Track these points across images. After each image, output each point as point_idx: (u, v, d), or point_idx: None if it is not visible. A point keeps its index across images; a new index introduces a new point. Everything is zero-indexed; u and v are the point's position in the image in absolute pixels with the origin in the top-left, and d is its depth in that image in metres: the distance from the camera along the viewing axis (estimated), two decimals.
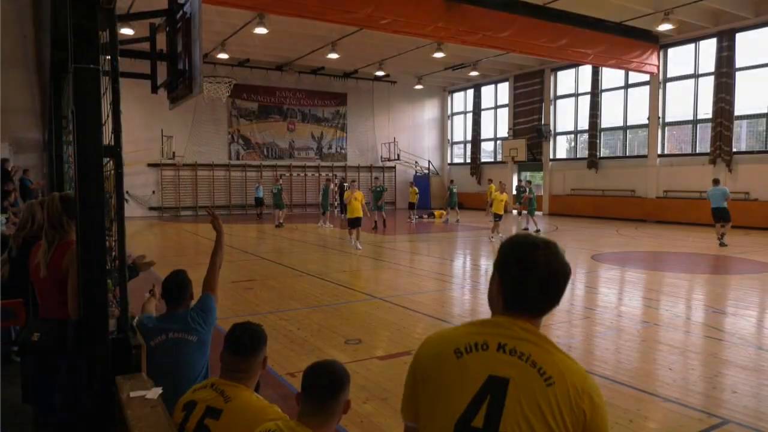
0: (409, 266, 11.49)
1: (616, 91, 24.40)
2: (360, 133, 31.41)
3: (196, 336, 3.22)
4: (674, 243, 15.45)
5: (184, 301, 3.38)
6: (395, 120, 32.41)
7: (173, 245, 15.89)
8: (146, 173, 25.66)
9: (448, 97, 34.00)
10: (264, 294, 8.61)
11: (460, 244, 15.82)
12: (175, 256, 13.24)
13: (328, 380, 2.09)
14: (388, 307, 7.76)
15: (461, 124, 33.57)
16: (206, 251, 14.22)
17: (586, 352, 5.81)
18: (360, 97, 31.08)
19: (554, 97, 27.17)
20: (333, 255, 13.30)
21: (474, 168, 31.35)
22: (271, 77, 28.25)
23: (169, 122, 24.72)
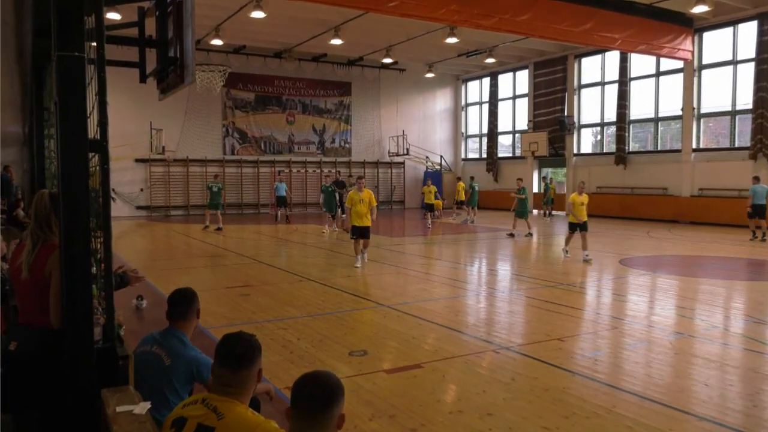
0: (420, 271, 11.48)
1: (647, 80, 24.27)
2: (365, 125, 31.44)
3: (172, 362, 3.19)
4: (710, 246, 15.35)
5: (184, 318, 3.38)
6: (404, 111, 32.42)
7: (163, 248, 15.95)
8: (134, 169, 25.81)
9: (462, 86, 33.96)
10: (261, 301, 8.64)
11: (477, 247, 15.79)
12: (165, 260, 13.30)
13: (319, 392, 2.07)
14: (396, 315, 7.76)
15: (476, 115, 33.52)
16: (198, 254, 14.35)
17: (614, 366, 5.78)
18: (365, 87, 31.11)
19: (578, 86, 27.07)
20: (336, 258, 13.31)
21: (490, 164, 31.30)
22: (269, 65, 28.33)
23: (159, 114, 24.86)
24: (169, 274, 11.21)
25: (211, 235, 18.61)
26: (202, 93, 24.13)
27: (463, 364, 5.73)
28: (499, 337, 6.69)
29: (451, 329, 7.03)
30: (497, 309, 8.38)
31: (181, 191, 27.01)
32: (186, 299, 3.44)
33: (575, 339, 6.68)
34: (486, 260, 13.61)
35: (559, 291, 9.44)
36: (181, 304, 3.41)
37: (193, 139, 27.00)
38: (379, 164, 31.68)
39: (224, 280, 10.77)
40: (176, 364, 3.19)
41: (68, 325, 2.70)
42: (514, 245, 15.86)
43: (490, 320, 7.69)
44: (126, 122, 24.03)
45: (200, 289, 7.73)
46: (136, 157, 25.71)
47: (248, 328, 6.83)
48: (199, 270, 11.75)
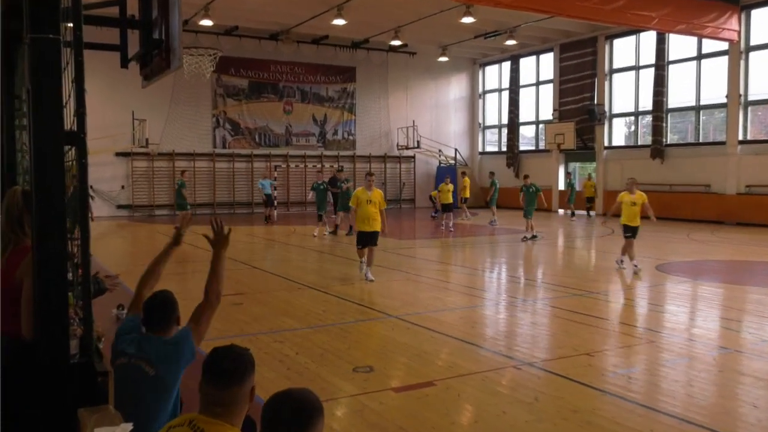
0: (432, 278, 11.48)
1: (687, 63, 24.16)
2: (371, 115, 31.48)
3: (155, 370, 3.20)
4: (759, 250, 15.26)
5: (164, 326, 3.39)
6: (414, 100, 32.43)
7: (146, 251, 16.01)
8: (114, 164, 25.96)
9: (479, 71, 33.94)
10: (255, 310, 8.66)
11: (496, 251, 15.78)
12: (147, 264, 13.34)
13: (289, 414, 2.03)
14: (406, 327, 7.76)
15: (495, 104, 33.49)
16: (184, 259, 14.40)
17: (650, 384, 5.75)
18: (371, 73, 31.15)
19: (609, 71, 26.98)
20: (338, 264, 13.33)
21: (511, 158, 31.26)
22: (265, 48, 28.42)
23: (142, 103, 24.97)
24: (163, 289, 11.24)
25: (198, 238, 18.65)
26: (189, 79, 24.21)
27: (480, 382, 5.72)
28: (521, 352, 6.67)
29: (468, 343, 7.02)
30: (519, 320, 8.36)
31: (166, 189, 27.11)
32: (163, 305, 3.44)
33: (606, 354, 6.65)
34: (506, 266, 13.58)
35: (588, 300, 9.40)
36: (157, 309, 3.41)
37: (180, 131, 27.12)
38: (386, 158, 31.71)
39: None
40: (160, 371, 3.20)
41: (42, 336, 2.71)
42: (537, 249, 15.82)
43: (510, 333, 7.67)
44: (105, 112, 24.18)
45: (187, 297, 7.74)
46: (116, 151, 25.86)
47: (241, 341, 6.84)
48: (186, 276, 11.79)
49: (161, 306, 3.41)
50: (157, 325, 3.37)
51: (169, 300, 3.48)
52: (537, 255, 15.10)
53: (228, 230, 3.67)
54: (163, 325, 3.38)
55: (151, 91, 24.45)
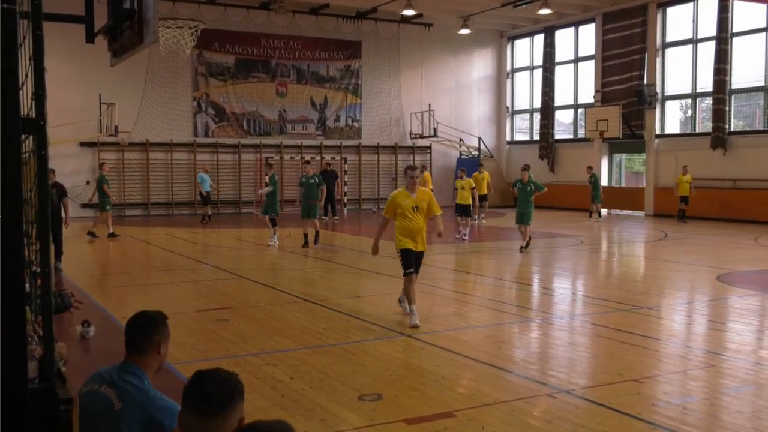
0: (452, 290, 11.47)
1: (754, 36, 24.03)
2: (380, 98, 31.52)
3: (124, 406, 3.20)
4: None
5: (145, 351, 3.40)
6: (431, 80, 32.44)
7: (116, 258, 16.09)
8: (78, 156, 26.11)
9: (507, 45, 33.90)
10: (243, 328, 8.69)
11: (527, 258, 15.74)
12: (119, 275, 13.43)
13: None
14: (421, 347, 7.76)
15: (526, 85, 33.44)
16: (161, 267, 14.47)
17: (709, 416, 5.73)
18: (380, 48, 31.19)
19: (662, 45, 26.88)
20: (341, 273, 13.35)
21: (545, 148, 31.21)
22: (254, 19, 28.53)
23: (111, 84, 25.10)
24: (123, 292, 11.31)
25: (177, 242, 18.75)
26: (166, 56, 24.32)
27: (508, 413, 5.71)
28: (557, 378, 6.65)
29: (493, 366, 7.01)
30: (554, 340, 8.34)
31: (139, 184, 27.25)
32: (147, 326, 3.45)
33: (657, 380, 6.63)
34: (539, 275, 13.55)
35: (635, 316, 9.37)
36: (139, 333, 3.42)
37: (156, 117, 27.25)
38: (397, 149, 31.73)
39: (195, 300, 10.82)
40: (129, 410, 3.21)
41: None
42: (577, 256, 15.78)
43: (544, 355, 7.66)
44: (68, 95, 24.33)
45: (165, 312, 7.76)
46: (80, 140, 26.01)
47: (227, 363, 6.87)
48: (163, 287, 11.85)
49: (145, 326, 3.42)
50: (139, 349, 3.38)
51: (156, 320, 3.47)
52: (576, 263, 15.05)
53: None
54: (142, 349, 3.38)
55: (121, 70, 24.48)
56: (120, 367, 3.38)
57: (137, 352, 3.39)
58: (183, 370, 6.73)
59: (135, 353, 3.39)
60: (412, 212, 8.87)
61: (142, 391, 3.29)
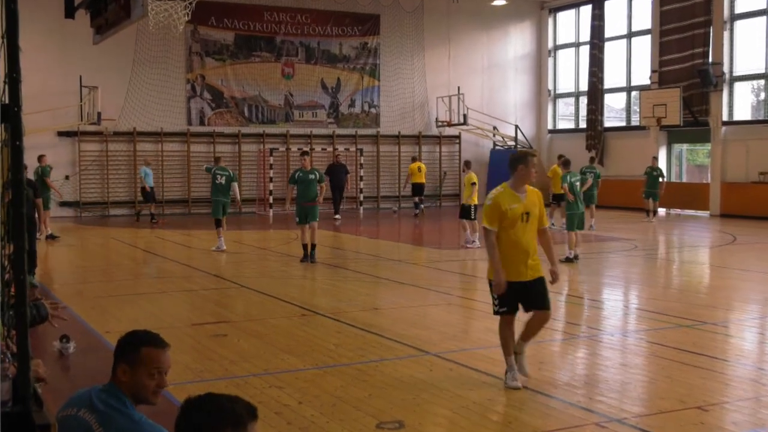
0: (485, 301, 11.42)
1: None
2: (401, 80, 31.49)
3: None
4: None
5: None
6: (459, 59, 32.36)
7: (99, 264, 16.19)
8: (56, 147, 26.24)
9: (549, 18, 33.75)
10: (244, 345, 8.71)
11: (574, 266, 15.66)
12: (102, 282, 13.51)
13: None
14: (448, 368, 7.75)
15: (571, 65, 33.26)
16: (151, 274, 14.53)
17: None
18: (402, 22, 31.18)
19: (730, 17, 26.65)
20: (356, 282, 13.36)
21: (592, 137, 31.00)
22: None
23: (93, 66, 25.27)
24: (107, 303, 11.37)
25: (169, 245, 18.85)
26: (156, 33, 24.39)
27: None
28: (606, 404, 6.62)
29: (533, 391, 6.98)
30: (603, 360, 8.29)
31: (125, 179, 27.41)
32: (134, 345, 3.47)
33: (725, 408, 6.56)
34: (586, 285, 13.48)
35: (698, 333, 9.30)
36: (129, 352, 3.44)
37: (144, 103, 27.41)
38: (421, 139, 31.69)
39: (189, 312, 10.85)
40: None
41: None
42: (631, 264, 15.67)
43: (592, 378, 7.61)
44: (44, 77, 24.50)
45: (154, 327, 7.80)
46: (58, 129, 26.20)
47: (225, 385, 6.89)
48: (153, 298, 11.90)
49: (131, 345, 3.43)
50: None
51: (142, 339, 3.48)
52: (629, 271, 14.95)
53: None
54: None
55: (105, 49, 24.60)
56: (102, 389, 3.40)
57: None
58: (175, 392, 6.75)
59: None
60: (522, 222, 7.15)
61: (125, 415, 3.30)
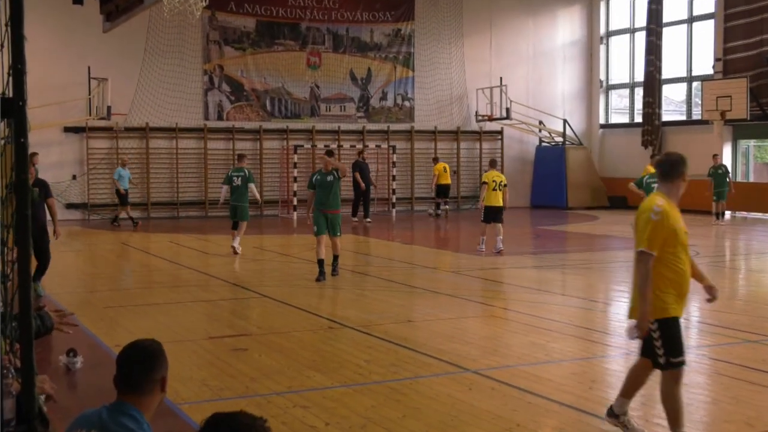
0: (528, 313, 11.37)
1: None
2: (438, 71, 31.46)
3: None
4: None
5: (140, 388, 3.45)
6: (502, 47, 32.28)
7: (108, 272, 16.32)
8: (62, 144, 26.56)
9: (601, 1, 33.53)
10: (266, 360, 8.73)
11: (623, 273, 15.58)
12: (112, 291, 13.62)
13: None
14: (490, 387, 7.72)
15: (625, 52, 33.03)
16: (164, 282, 14.59)
17: None
18: (438, 6, 31.18)
19: None
20: (388, 291, 13.36)
21: (649, 132, 30.72)
22: None
23: (103, 56, 25.51)
24: (117, 314, 11.46)
25: (184, 251, 18.95)
26: (171, 20, 24.61)
27: None
28: (665, 426, 6.53)
29: (583, 412, 6.94)
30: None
31: (137, 180, 27.51)
32: (147, 359, 3.50)
33: None
34: None
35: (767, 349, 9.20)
36: (138, 367, 3.47)
37: (157, 96, 27.63)
38: (460, 135, 31.65)
39: (206, 324, 10.90)
40: None
41: None
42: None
43: (648, 398, 7.54)
44: (50, 69, 24.79)
45: (168, 339, 7.87)
46: (65, 125, 26.49)
47: (246, 404, 6.90)
48: (166, 308, 11.97)
49: (141, 360, 3.47)
50: (135, 386, 3.43)
51: (152, 352, 3.52)
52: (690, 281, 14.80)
53: None
54: (141, 387, 3.43)
55: (115, 38, 24.86)
56: (112, 408, 3.43)
57: (135, 391, 3.44)
58: (190, 412, 6.80)
59: (131, 392, 3.44)
60: (686, 242, 6.25)
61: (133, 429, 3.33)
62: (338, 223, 14.39)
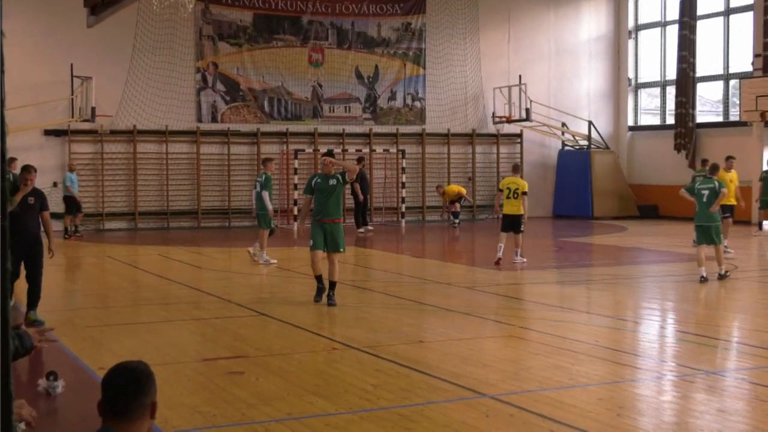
0: (551, 333, 11.35)
1: None
2: (451, 69, 31.50)
3: None
4: None
5: (128, 415, 3.46)
6: (522, 43, 32.31)
7: (93, 287, 16.32)
8: (43, 148, 26.59)
9: None
10: (265, 384, 8.72)
11: (655, 290, 15.57)
12: (97, 309, 13.63)
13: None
14: (509, 414, 7.71)
15: (656, 47, 33.02)
16: (153, 299, 14.59)
17: None
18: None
19: None
20: (397, 309, 13.36)
21: (682, 135, 30.67)
22: None
23: (87, 53, 25.57)
24: (102, 334, 11.47)
25: (174, 265, 18.97)
26: (161, 14, 24.68)
27: None
28: None
29: None
30: (696, 405, 8.19)
31: (123, 187, 27.67)
32: (135, 382, 3.50)
33: None
34: (674, 314, 13.33)
35: None
36: (125, 392, 3.48)
37: (146, 96, 27.69)
38: (475, 138, 31.65)
39: (199, 345, 10.90)
40: None
41: None
42: (727, 286, 15.45)
43: (682, 426, 7.52)
44: (30, 67, 24.87)
45: (157, 362, 7.89)
46: (46, 128, 26.55)
47: (242, 431, 6.90)
48: (155, 328, 11.97)
49: (128, 385, 3.47)
50: (122, 413, 3.43)
51: (139, 375, 3.52)
52: (727, 296, 14.76)
53: None
54: (129, 414, 3.43)
55: (100, 33, 24.94)
56: None
57: (121, 417, 3.44)
58: None
59: (117, 418, 3.44)
60: None
61: None
62: (340, 235, 13.34)
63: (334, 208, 13.42)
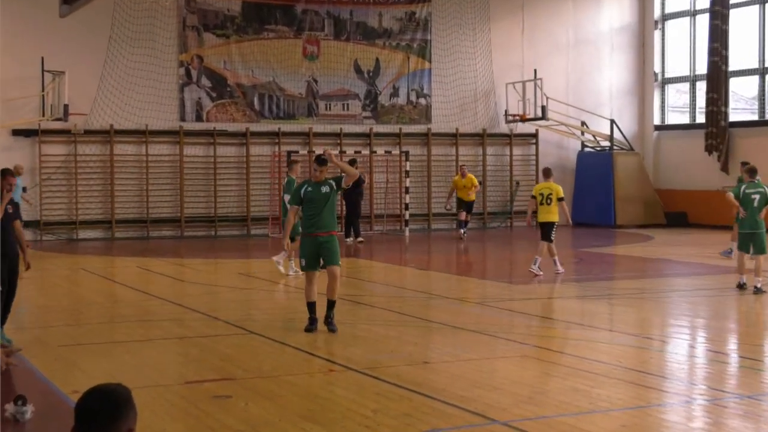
0: (571, 354, 11.36)
1: None
2: (460, 62, 31.53)
3: None
4: None
5: None
6: (537, 34, 32.36)
7: (64, 304, 16.30)
8: (10, 149, 26.58)
9: None
10: (254, 409, 8.71)
11: (683, 306, 15.59)
12: (69, 326, 13.61)
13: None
14: None
15: (684, 39, 33.03)
16: (132, 316, 14.57)
17: None
18: None
19: None
20: (400, 326, 13.36)
21: (713, 135, 30.65)
22: None
23: (60, 46, 25.63)
24: (75, 354, 11.47)
25: (155, 279, 18.97)
26: (140, 2, 24.71)
27: None
28: None
29: None
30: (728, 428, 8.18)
31: (99, 192, 27.71)
32: (112, 407, 3.51)
33: None
34: (706, 332, 13.33)
35: None
36: (101, 418, 3.48)
37: (124, 92, 27.71)
38: (486, 139, 31.69)
39: (182, 366, 10.90)
40: None
41: None
42: (765, 303, 15.46)
43: None
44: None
45: (136, 385, 7.88)
46: (13, 127, 26.61)
47: None
48: (133, 347, 11.97)
49: (104, 409, 3.47)
50: None
51: (116, 399, 3.52)
52: (761, 314, 14.75)
53: None
54: None
55: (74, 24, 25.00)
56: None
57: None
58: None
59: None
60: None
61: None
62: (335, 248, 12.80)
63: (329, 219, 12.84)
